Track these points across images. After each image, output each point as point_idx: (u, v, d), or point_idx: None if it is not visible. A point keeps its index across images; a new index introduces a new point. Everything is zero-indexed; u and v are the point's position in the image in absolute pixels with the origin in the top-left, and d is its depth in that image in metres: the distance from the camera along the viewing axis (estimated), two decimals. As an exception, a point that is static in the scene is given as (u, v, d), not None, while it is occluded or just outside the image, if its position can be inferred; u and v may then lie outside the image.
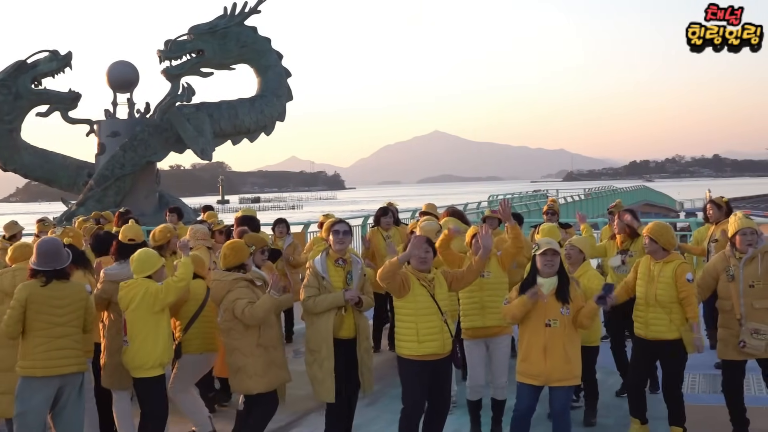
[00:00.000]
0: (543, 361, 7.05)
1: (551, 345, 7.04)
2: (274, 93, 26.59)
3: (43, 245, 7.14)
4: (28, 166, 26.61)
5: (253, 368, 7.49)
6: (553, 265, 7.14)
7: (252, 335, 7.48)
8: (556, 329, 7.04)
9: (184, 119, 24.93)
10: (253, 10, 26.04)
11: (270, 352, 7.61)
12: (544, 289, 7.12)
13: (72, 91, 25.94)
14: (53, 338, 6.96)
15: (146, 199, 25.71)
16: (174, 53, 25.22)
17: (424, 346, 7.17)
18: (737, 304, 7.68)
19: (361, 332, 7.68)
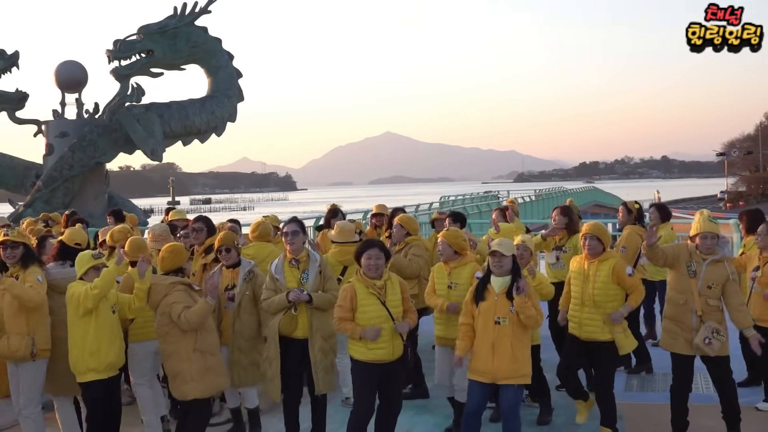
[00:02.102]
0: (491, 358, 7.14)
1: (499, 342, 7.13)
2: (225, 94, 26.47)
3: None
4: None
5: (189, 373, 7.45)
6: (501, 266, 7.23)
7: (189, 340, 7.45)
8: (505, 327, 7.12)
9: (133, 120, 24.71)
10: (203, 10, 25.89)
11: (207, 358, 7.57)
12: (495, 287, 7.20)
13: (19, 91, 25.60)
14: None
15: (95, 201, 25.43)
16: (123, 53, 24.99)
17: (373, 353, 7.21)
18: (697, 301, 7.73)
19: (315, 332, 7.69)
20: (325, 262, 8.03)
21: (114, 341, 7.31)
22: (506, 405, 7.25)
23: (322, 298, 7.72)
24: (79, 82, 26.81)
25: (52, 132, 25.87)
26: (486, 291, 7.29)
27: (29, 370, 7.88)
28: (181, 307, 7.35)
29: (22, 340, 7.57)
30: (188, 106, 26.05)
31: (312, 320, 7.68)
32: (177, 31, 25.45)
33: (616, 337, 8.00)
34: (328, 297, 7.75)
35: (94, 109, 26.30)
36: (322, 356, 7.70)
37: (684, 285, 7.77)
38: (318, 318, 7.70)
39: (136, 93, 24.95)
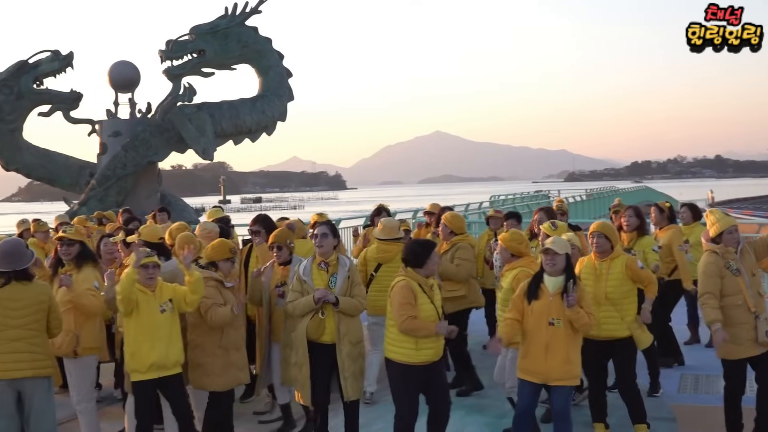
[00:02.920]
0: (543, 359, 7.09)
1: (553, 344, 7.07)
2: (276, 93, 26.56)
3: (6, 245, 7.08)
4: (30, 166, 26.57)
5: (211, 368, 7.68)
6: (554, 264, 7.16)
7: (215, 336, 7.66)
8: (559, 329, 7.06)
9: (185, 119, 24.91)
10: (254, 10, 26.01)
11: (231, 354, 7.78)
12: (550, 287, 7.15)
13: (74, 91, 25.90)
14: (6, 341, 6.89)
15: (148, 199, 25.66)
16: (175, 53, 25.19)
17: (423, 354, 7.19)
18: (747, 296, 7.62)
19: (343, 337, 7.64)
20: (355, 267, 7.99)
21: (157, 342, 7.28)
22: (559, 406, 7.20)
23: (348, 302, 7.66)
24: (133, 82, 27.07)
25: (106, 131, 26.15)
26: (539, 290, 7.22)
27: (76, 367, 7.99)
28: (210, 303, 7.52)
29: (65, 337, 7.67)
30: (239, 105, 26.17)
31: (339, 325, 7.66)
32: (228, 31, 25.59)
33: (634, 332, 7.98)
34: (355, 303, 7.70)
35: (147, 109, 26.53)
36: (350, 362, 7.68)
37: (733, 287, 7.64)
38: (345, 323, 7.68)
39: (188, 93, 25.14)
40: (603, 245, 8.10)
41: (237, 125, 26.01)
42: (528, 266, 8.22)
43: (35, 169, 26.86)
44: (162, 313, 7.33)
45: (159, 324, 7.30)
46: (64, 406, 8.78)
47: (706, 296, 7.57)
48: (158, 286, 7.38)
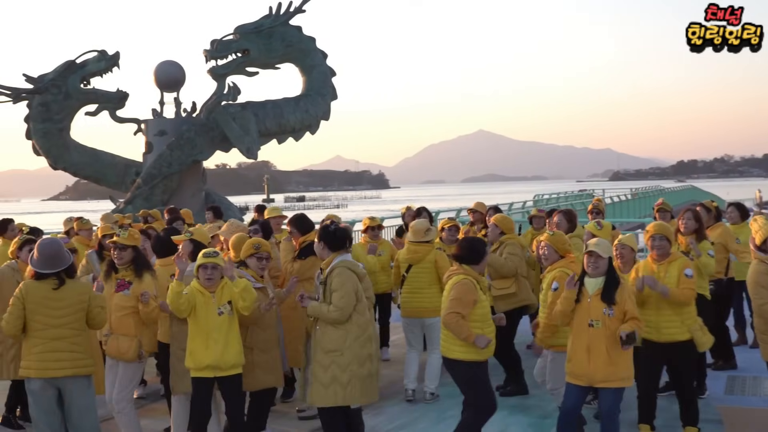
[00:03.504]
0: (587, 361, 7.05)
1: (594, 345, 7.03)
2: (319, 92, 26.63)
3: (46, 247, 7.14)
4: (78, 164, 26.88)
5: None
6: (597, 267, 7.12)
7: (241, 335, 7.70)
8: (599, 330, 7.02)
9: (229, 118, 25.06)
10: (298, 10, 26.11)
11: (256, 354, 7.87)
12: (589, 289, 7.11)
13: (120, 91, 26.17)
14: (48, 340, 6.96)
15: (193, 198, 25.86)
16: (220, 53, 25.35)
17: (488, 350, 7.30)
18: None
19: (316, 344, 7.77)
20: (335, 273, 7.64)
21: (212, 344, 7.31)
22: (606, 408, 7.16)
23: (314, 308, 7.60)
24: (178, 82, 27.29)
25: (151, 130, 26.39)
26: (580, 293, 7.19)
27: (131, 369, 8.05)
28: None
29: (131, 342, 7.76)
30: (283, 104, 26.28)
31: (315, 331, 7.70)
32: (272, 31, 25.70)
33: (694, 335, 7.87)
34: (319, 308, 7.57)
35: (192, 108, 26.74)
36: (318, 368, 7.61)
37: None
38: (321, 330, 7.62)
39: (233, 92, 25.28)
40: (665, 247, 7.97)
41: (281, 124, 26.12)
42: (567, 266, 8.22)
43: (82, 167, 27.18)
44: (219, 316, 7.33)
45: (215, 326, 7.32)
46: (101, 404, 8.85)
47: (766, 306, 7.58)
48: (219, 287, 7.40)
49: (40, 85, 25.55)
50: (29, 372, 7.02)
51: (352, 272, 7.62)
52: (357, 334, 7.48)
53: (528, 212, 14.25)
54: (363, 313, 7.58)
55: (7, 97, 25.85)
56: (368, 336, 7.58)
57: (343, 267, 7.59)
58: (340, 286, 7.46)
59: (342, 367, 7.45)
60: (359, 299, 7.56)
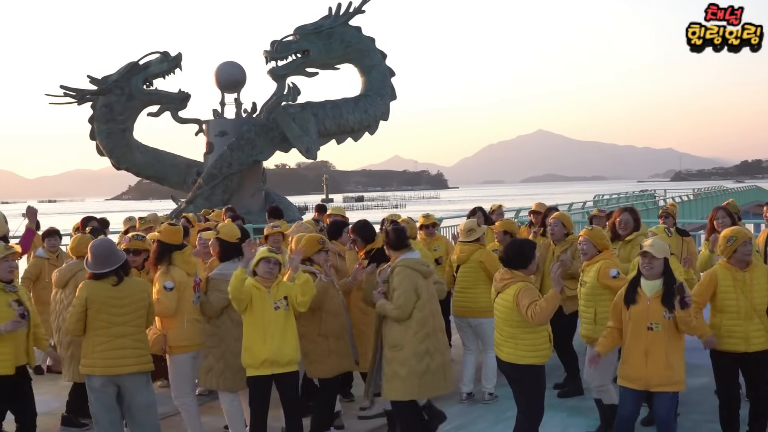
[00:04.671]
0: (644, 365, 6.93)
1: (652, 349, 6.89)
2: (378, 92, 26.67)
3: (98, 247, 7.24)
4: (140, 164, 27.29)
5: (314, 355, 8.03)
6: (652, 268, 7.01)
7: (315, 324, 7.98)
8: (659, 333, 6.89)
9: (289, 119, 25.23)
10: (357, 10, 26.19)
11: (331, 341, 8.09)
12: (647, 291, 7.01)
13: (182, 92, 26.49)
14: (111, 338, 7.06)
15: (252, 198, 26.10)
16: (280, 54, 25.54)
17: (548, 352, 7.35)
18: None
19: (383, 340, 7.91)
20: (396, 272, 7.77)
21: (269, 338, 7.35)
22: (663, 413, 7.04)
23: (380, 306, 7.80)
24: (238, 83, 27.55)
25: (212, 131, 26.68)
26: (637, 294, 7.07)
27: (171, 364, 8.14)
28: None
29: (152, 336, 7.86)
30: (342, 105, 26.39)
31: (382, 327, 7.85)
32: (332, 31, 25.81)
33: None
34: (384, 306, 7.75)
35: (252, 109, 26.97)
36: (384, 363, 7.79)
37: None
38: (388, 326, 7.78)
39: (292, 92, 25.46)
40: (750, 253, 7.73)
41: (340, 124, 26.23)
42: (609, 258, 8.19)
43: (144, 167, 27.59)
44: (275, 310, 7.37)
45: (271, 321, 7.36)
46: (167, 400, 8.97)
47: None
48: (275, 283, 7.46)
49: (104, 86, 25.99)
50: (93, 370, 7.11)
51: (413, 270, 7.69)
52: (416, 330, 7.55)
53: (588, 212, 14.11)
54: (422, 309, 7.63)
55: (72, 98, 26.34)
56: (427, 332, 7.61)
57: (403, 266, 7.68)
58: (399, 284, 7.60)
59: (401, 362, 7.57)
60: (419, 296, 7.63)
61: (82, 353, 7.23)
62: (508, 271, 7.21)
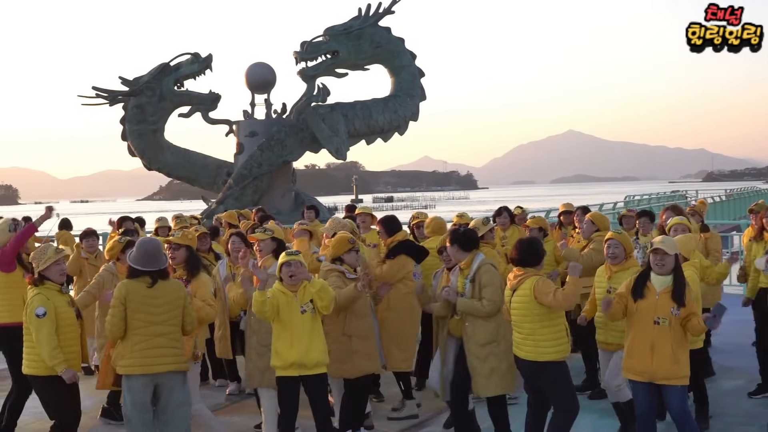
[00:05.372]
0: (649, 358, 6.98)
1: (659, 343, 6.94)
2: (408, 93, 26.71)
3: (146, 245, 7.28)
4: (171, 165, 27.49)
5: (336, 354, 8.02)
6: (663, 264, 7.04)
7: (339, 324, 8.04)
8: (665, 328, 6.93)
9: (319, 119, 25.31)
10: (387, 11, 26.23)
11: (354, 342, 8.14)
12: (656, 286, 7.02)
13: (212, 93, 26.66)
14: (150, 337, 7.10)
15: (282, 198, 26.22)
16: (310, 54, 25.64)
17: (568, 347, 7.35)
18: None
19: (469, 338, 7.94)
20: (483, 269, 7.91)
21: (296, 341, 7.37)
22: (676, 405, 7.04)
23: (466, 304, 7.84)
24: (268, 83, 27.67)
25: (243, 131, 26.82)
26: (646, 288, 7.08)
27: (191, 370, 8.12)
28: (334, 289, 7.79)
29: (187, 342, 7.82)
30: (372, 105, 26.44)
31: (466, 326, 7.89)
32: (361, 32, 25.88)
33: None
34: (473, 304, 7.81)
35: (282, 110, 27.09)
36: (478, 362, 7.82)
37: None
38: (472, 324, 7.84)
39: (322, 93, 25.54)
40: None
41: (369, 125, 26.29)
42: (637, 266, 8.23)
43: (175, 168, 27.78)
44: (302, 314, 7.41)
45: (298, 324, 7.38)
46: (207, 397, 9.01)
47: None
48: (302, 286, 7.47)
49: (135, 87, 26.20)
50: (133, 369, 7.12)
51: (495, 267, 7.94)
52: (506, 324, 7.68)
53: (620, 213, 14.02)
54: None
55: (104, 99, 26.57)
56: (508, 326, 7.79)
57: (489, 264, 7.90)
58: (491, 282, 7.77)
59: (500, 357, 7.68)
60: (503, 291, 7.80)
61: (120, 355, 7.23)
62: (521, 269, 7.25)
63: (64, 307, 7.41)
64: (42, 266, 7.43)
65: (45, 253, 7.48)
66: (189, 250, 8.42)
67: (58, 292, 7.46)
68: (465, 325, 7.86)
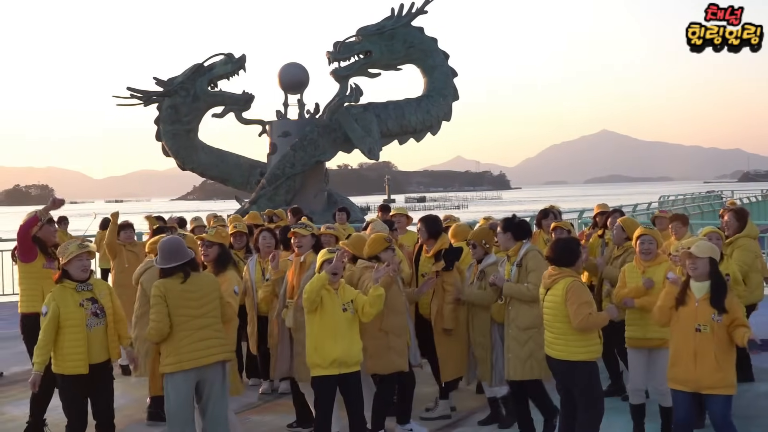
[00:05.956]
0: (693, 366, 6.86)
1: (701, 351, 6.81)
2: (441, 93, 26.65)
3: (167, 244, 7.34)
4: (205, 165, 27.61)
5: (372, 349, 8.17)
6: (696, 268, 6.93)
7: (376, 319, 8.02)
8: (707, 335, 6.80)
9: (352, 119, 25.33)
10: (420, 11, 26.19)
11: (390, 338, 8.27)
12: (696, 292, 6.93)
13: (246, 93, 26.73)
14: (193, 330, 7.15)
15: (315, 198, 26.25)
16: (342, 54, 25.65)
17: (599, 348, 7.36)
18: None
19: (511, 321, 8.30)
20: (530, 255, 8.27)
21: (339, 339, 7.43)
22: (719, 417, 6.92)
23: (512, 288, 8.15)
24: (301, 84, 27.73)
25: (276, 132, 26.89)
26: (686, 295, 6.98)
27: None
28: (368, 284, 7.95)
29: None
30: (404, 105, 26.41)
31: (510, 310, 8.22)
32: (394, 32, 25.85)
33: None
34: (520, 288, 8.10)
35: (315, 110, 27.13)
36: (515, 345, 8.12)
37: None
38: (515, 308, 8.14)
39: (355, 93, 25.54)
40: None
41: (402, 125, 26.26)
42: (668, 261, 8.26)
43: (209, 168, 27.90)
44: (344, 312, 7.47)
45: (341, 321, 7.46)
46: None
47: None
48: (341, 285, 7.55)
49: (169, 88, 26.34)
50: (181, 365, 7.14)
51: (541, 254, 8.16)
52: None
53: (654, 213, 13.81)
54: None
55: (139, 99, 26.74)
56: None
57: (536, 250, 8.24)
58: (537, 267, 8.05)
59: (539, 344, 7.73)
60: None
61: (166, 354, 7.24)
62: (556, 268, 7.24)
63: (71, 307, 7.38)
64: (64, 260, 7.50)
65: (68, 247, 7.54)
66: (221, 248, 8.48)
67: (74, 290, 7.45)
68: (508, 309, 8.14)
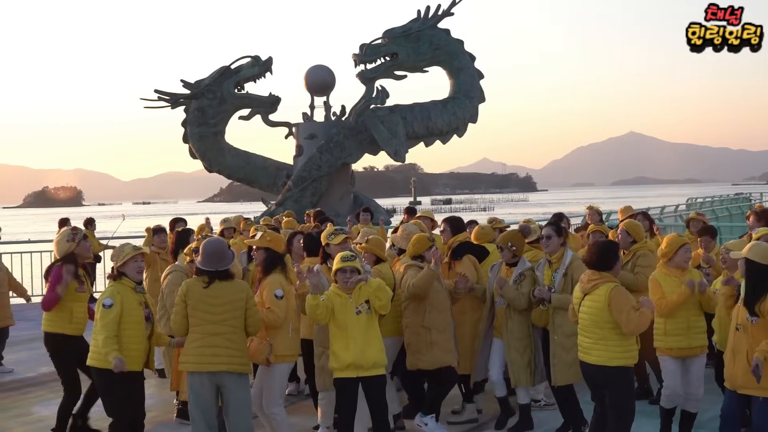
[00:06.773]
0: (731, 364, 6.96)
1: (737, 350, 6.92)
2: (467, 95, 26.63)
3: (211, 246, 7.37)
4: (231, 167, 27.74)
5: (416, 346, 8.35)
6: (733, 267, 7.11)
7: (419, 316, 8.28)
8: (742, 335, 6.86)
9: (378, 121, 25.36)
10: (446, 13, 26.20)
11: (433, 334, 8.34)
12: (742, 292, 6.98)
13: (272, 95, 26.84)
14: (206, 335, 7.19)
15: (341, 200, 26.31)
16: (369, 57, 25.70)
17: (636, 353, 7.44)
18: None
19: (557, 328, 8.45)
20: (574, 264, 8.37)
21: (351, 342, 7.36)
22: (755, 420, 6.90)
23: (560, 299, 8.24)
24: (328, 86, 27.80)
25: (302, 134, 26.97)
26: (739, 295, 7.07)
27: (272, 373, 8.05)
28: (411, 280, 8.24)
29: (259, 344, 7.81)
30: (430, 107, 26.41)
31: (554, 317, 8.35)
32: (420, 34, 25.87)
33: None
34: (568, 298, 7.97)
35: (341, 112, 27.19)
36: (561, 351, 8.26)
37: None
38: (561, 316, 8.21)
39: (381, 95, 25.58)
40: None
41: (428, 127, 26.26)
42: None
43: (235, 170, 28.04)
44: (357, 315, 7.39)
45: (353, 325, 7.37)
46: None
47: None
48: (357, 288, 7.45)
49: (196, 90, 26.51)
50: (187, 366, 7.30)
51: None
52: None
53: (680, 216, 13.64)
54: None
55: (166, 102, 26.92)
56: None
57: (580, 260, 8.24)
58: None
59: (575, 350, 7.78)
60: None
61: (183, 352, 7.43)
62: (595, 272, 7.14)
63: (133, 304, 7.52)
64: (119, 262, 7.60)
65: (123, 250, 7.66)
66: (267, 251, 8.29)
67: (132, 290, 7.58)
68: (553, 316, 8.28)
